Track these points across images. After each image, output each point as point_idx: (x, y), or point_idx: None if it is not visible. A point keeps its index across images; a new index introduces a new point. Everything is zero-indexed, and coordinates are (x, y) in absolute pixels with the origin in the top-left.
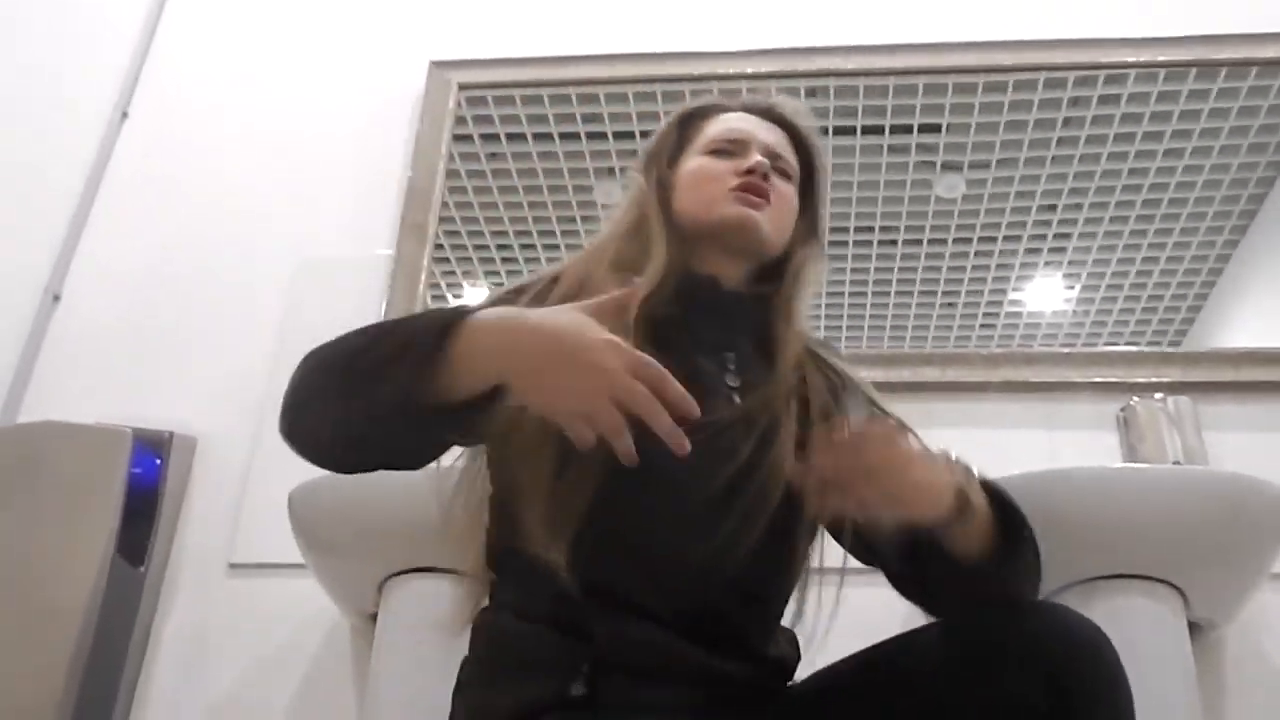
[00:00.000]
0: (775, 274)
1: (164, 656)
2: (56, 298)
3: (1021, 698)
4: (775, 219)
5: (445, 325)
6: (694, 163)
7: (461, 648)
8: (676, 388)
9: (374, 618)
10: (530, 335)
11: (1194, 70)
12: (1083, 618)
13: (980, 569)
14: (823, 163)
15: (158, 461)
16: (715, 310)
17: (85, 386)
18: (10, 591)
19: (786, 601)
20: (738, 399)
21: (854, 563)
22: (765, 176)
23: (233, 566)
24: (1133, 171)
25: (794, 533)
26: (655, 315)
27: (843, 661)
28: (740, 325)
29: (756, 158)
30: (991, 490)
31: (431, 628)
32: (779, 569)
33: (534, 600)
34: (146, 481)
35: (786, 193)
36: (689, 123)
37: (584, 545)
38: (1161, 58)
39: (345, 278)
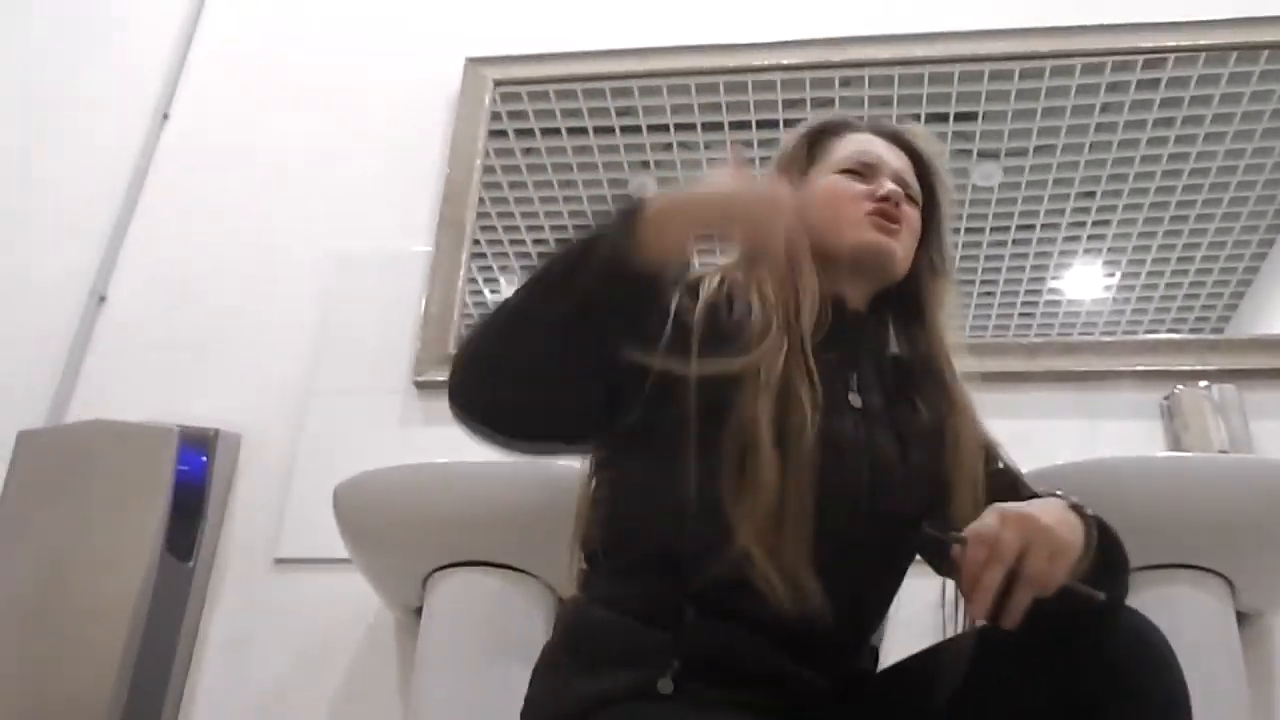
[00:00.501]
0: (893, 297)
1: (211, 650)
2: (102, 298)
3: (1091, 701)
4: (906, 246)
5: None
6: (828, 180)
7: (504, 641)
8: None
9: (419, 612)
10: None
11: (1235, 53)
12: (1144, 618)
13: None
14: (946, 191)
15: (203, 458)
16: (840, 330)
17: (131, 386)
18: (62, 588)
19: (883, 619)
20: (860, 421)
21: None
22: (898, 204)
23: (278, 561)
24: (1173, 157)
25: (905, 560)
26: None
27: (908, 660)
28: (864, 347)
29: (890, 185)
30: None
31: (476, 622)
32: (887, 590)
33: (629, 594)
34: (193, 478)
35: (914, 219)
36: (817, 139)
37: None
38: (1201, 41)
39: (384, 274)
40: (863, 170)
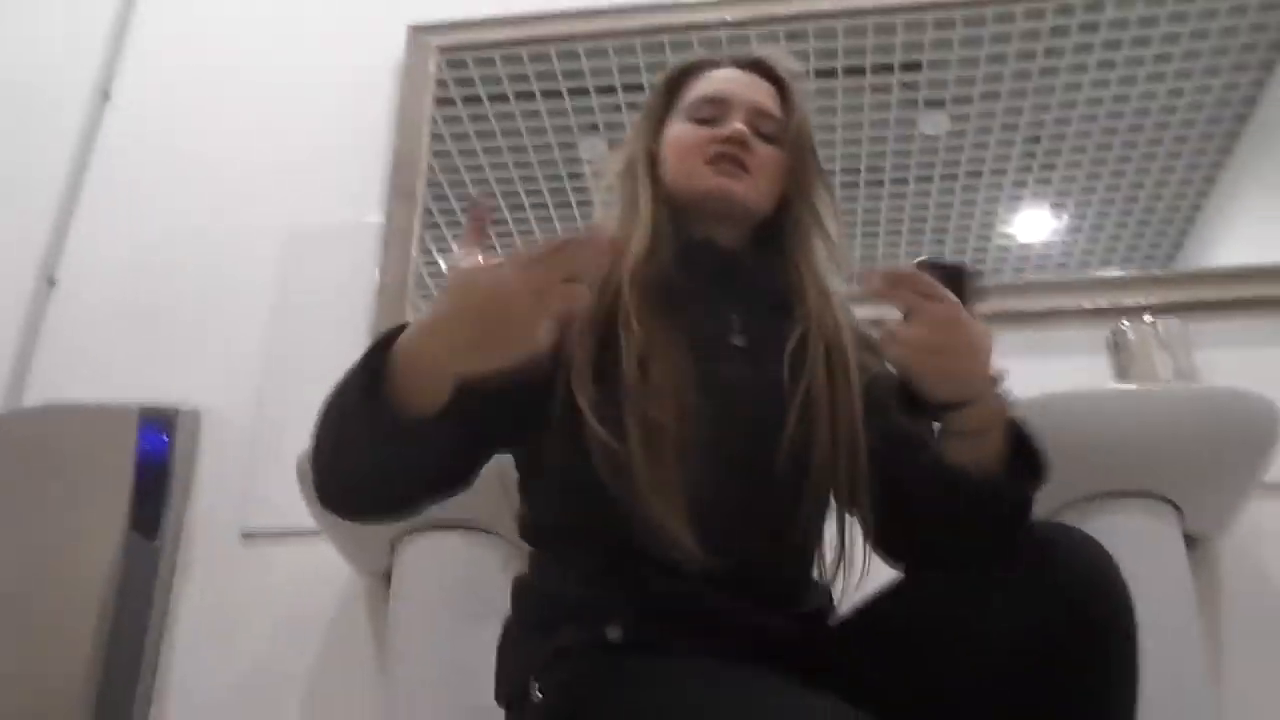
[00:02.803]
0: (777, 230)
1: (184, 626)
2: (52, 281)
3: (1044, 627)
4: (756, 185)
5: (369, 356)
6: (676, 130)
7: (472, 598)
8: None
9: (388, 577)
10: (442, 319)
11: None
12: (1095, 543)
13: (982, 486)
14: (803, 112)
15: (165, 437)
16: (715, 272)
17: (87, 368)
18: (30, 572)
19: (817, 551)
20: (745, 360)
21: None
22: (744, 144)
23: (246, 535)
24: (1117, 98)
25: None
26: (657, 283)
27: (867, 601)
28: (744, 284)
29: (735, 125)
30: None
31: (444, 582)
32: (815, 516)
33: (572, 563)
34: (155, 457)
35: (768, 156)
36: (677, 84)
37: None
38: None
39: (338, 246)
40: (712, 111)
